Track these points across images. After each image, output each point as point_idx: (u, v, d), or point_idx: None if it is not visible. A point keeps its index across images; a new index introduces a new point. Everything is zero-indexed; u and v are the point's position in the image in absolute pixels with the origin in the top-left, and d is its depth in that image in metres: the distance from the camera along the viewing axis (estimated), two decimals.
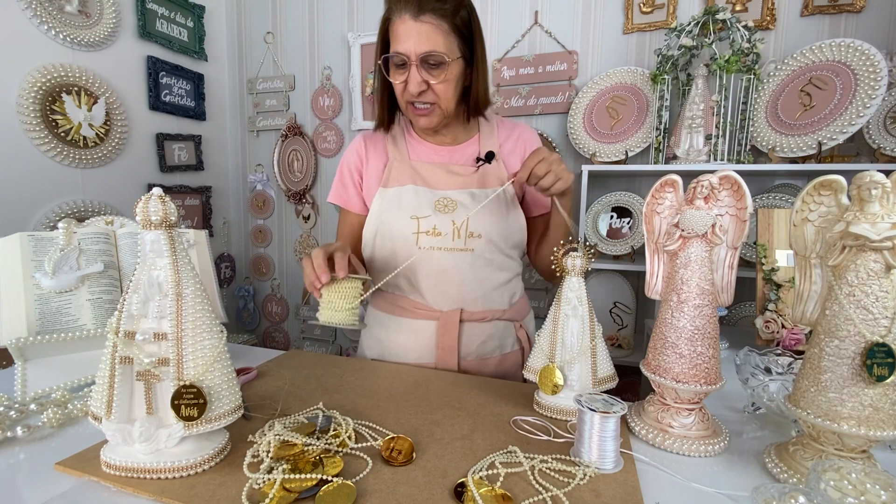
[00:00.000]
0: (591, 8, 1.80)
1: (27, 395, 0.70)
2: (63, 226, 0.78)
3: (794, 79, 1.47)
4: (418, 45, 0.78)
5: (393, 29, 0.81)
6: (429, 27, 0.78)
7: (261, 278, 2.53)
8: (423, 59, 0.79)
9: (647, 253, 0.64)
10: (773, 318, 1.04)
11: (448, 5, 0.79)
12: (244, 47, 2.39)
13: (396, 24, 0.80)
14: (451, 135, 0.96)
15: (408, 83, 0.81)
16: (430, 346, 0.91)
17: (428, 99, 0.83)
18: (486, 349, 0.92)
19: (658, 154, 1.61)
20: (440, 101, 0.84)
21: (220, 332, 0.52)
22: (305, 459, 0.50)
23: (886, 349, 0.45)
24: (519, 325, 0.96)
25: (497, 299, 0.93)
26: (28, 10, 1.59)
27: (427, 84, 0.81)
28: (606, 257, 1.68)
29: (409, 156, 0.95)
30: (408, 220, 0.88)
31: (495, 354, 0.93)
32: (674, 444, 0.57)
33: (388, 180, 0.92)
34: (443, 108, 0.85)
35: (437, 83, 0.81)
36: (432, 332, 0.90)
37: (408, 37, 0.78)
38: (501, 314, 0.93)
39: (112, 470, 0.50)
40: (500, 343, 0.93)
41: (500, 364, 0.94)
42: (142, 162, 2.01)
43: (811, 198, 0.53)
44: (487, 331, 0.92)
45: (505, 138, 0.97)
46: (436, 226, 0.88)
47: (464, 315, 0.90)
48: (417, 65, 0.79)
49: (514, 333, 0.96)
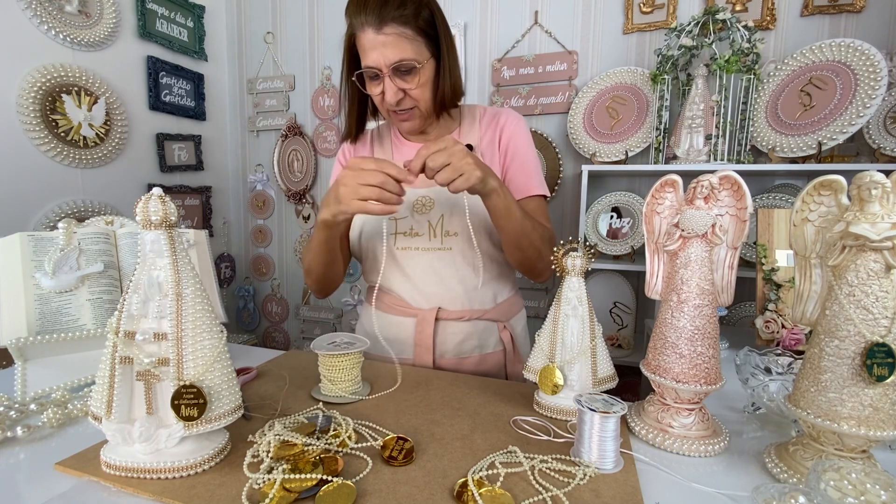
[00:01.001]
0: (591, 8, 1.81)
1: (27, 395, 0.70)
2: (63, 226, 0.78)
3: (794, 79, 1.47)
4: (386, 56, 0.77)
5: (359, 43, 0.80)
6: (393, 37, 0.77)
7: (261, 278, 2.53)
8: (395, 68, 0.78)
9: (647, 253, 0.64)
10: (773, 318, 1.04)
11: (408, 10, 0.77)
12: (244, 47, 2.39)
13: (361, 38, 0.79)
14: (434, 132, 0.95)
15: (384, 94, 0.81)
16: (409, 343, 0.91)
17: (406, 105, 0.83)
18: (465, 348, 0.91)
19: (658, 154, 1.61)
20: (419, 105, 0.84)
21: (220, 332, 0.52)
22: (305, 459, 0.50)
23: (886, 349, 0.45)
24: (503, 325, 0.95)
25: (478, 299, 0.92)
26: (28, 10, 1.59)
27: (403, 91, 0.81)
28: (606, 257, 1.68)
29: (393, 156, 0.96)
30: (385, 221, 0.88)
31: (474, 354, 0.92)
32: (674, 444, 0.57)
33: None
34: (423, 110, 0.85)
35: (413, 88, 0.81)
36: (411, 329, 0.91)
37: (374, 49, 0.77)
38: (482, 314, 0.92)
39: (112, 470, 0.50)
40: (479, 343, 0.92)
41: (479, 364, 0.93)
42: (142, 162, 2.01)
43: (811, 198, 0.53)
44: (466, 330, 0.91)
45: (486, 128, 0.95)
46: (413, 226, 0.89)
47: (441, 314, 0.90)
48: (390, 75, 0.79)
49: (497, 334, 0.94)
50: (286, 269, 2.47)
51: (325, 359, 0.70)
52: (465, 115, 0.97)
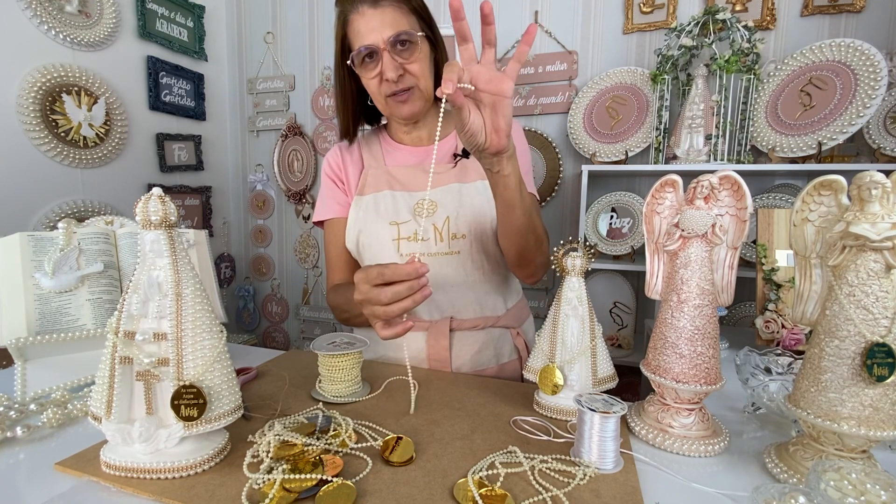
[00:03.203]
0: (591, 8, 1.81)
1: (27, 395, 0.70)
2: (63, 226, 0.78)
3: (794, 79, 1.47)
4: (384, 31, 0.77)
5: (353, 28, 0.80)
6: (391, 10, 0.77)
7: (261, 278, 2.53)
8: (393, 42, 0.78)
9: (647, 253, 0.64)
10: (773, 318, 1.04)
11: None
12: (244, 47, 2.39)
13: (356, 20, 0.79)
14: (426, 129, 0.93)
15: (383, 72, 0.79)
16: (422, 357, 0.86)
17: (407, 83, 0.81)
18: (482, 359, 0.87)
19: (658, 154, 1.61)
20: (419, 83, 0.82)
21: (220, 332, 0.52)
22: (305, 459, 0.50)
23: (886, 349, 0.45)
24: (516, 332, 0.91)
25: (490, 304, 0.89)
26: (28, 10, 1.59)
27: (403, 69, 0.80)
28: (606, 257, 1.68)
29: (384, 161, 0.93)
30: (387, 227, 0.85)
31: (492, 365, 0.88)
32: (674, 444, 0.57)
33: (364, 188, 0.90)
34: (422, 88, 0.83)
35: (412, 63, 0.80)
36: (423, 343, 0.86)
37: (371, 27, 0.77)
38: (496, 321, 0.88)
39: (112, 470, 0.49)
40: (496, 352, 0.89)
41: (497, 374, 0.89)
42: (142, 162, 2.01)
43: (811, 198, 0.52)
44: (481, 339, 0.87)
45: None
46: (416, 231, 0.85)
47: (454, 324, 0.86)
48: (388, 50, 0.78)
49: (511, 341, 0.91)
50: (286, 269, 2.47)
51: (325, 359, 0.70)
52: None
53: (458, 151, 0.90)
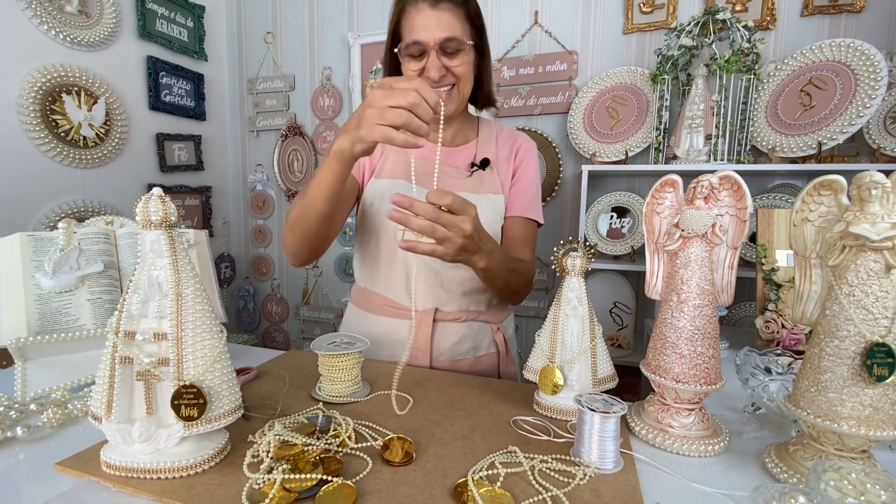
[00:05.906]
0: (591, 8, 1.81)
1: (27, 395, 0.70)
2: (63, 226, 0.78)
3: (794, 79, 1.47)
4: (437, 32, 0.79)
5: (408, 20, 0.81)
6: (448, 14, 0.79)
7: (261, 278, 2.53)
8: (443, 45, 0.79)
9: (647, 253, 0.64)
10: (773, 318, 1.04)
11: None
12: (244, 47, 2.39)
13: (412, 14, 0.80)
14: (450, 132, 0.95)
15: (427, 70, 0.81)
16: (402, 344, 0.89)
17: (448, 81, 0.83)
18: (460, 350, 0.91)
19: (658, 154, 1.61)
20: (460, 83, 0.84)
21: (220, 332, 0.52)
22: (305, 459, 0.50)
23: (886, 349, 0.45)
24: (496, 327, 0.95)
25: (475, 300, 0.92)
26: (28, 10, 1.59)
27: (446, 69, 0.82)
28: (606, 257, 1.68)
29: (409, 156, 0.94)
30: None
31: (469, 356, 0.92)
32: (674, 444, 0.57)
33: (382, 171, 0.92)
34: (461, 90, 0.85)
35: (456, 67, 0.82)
36: (404, 331, 0.90)
37: (425, 25, 0.79)
38: (478, 315, 0.92)
39: (112, 470, 0.49)
40: (474, 345, 0.92)
41: (473, 366, 0.92)
42: (142, 162, 2.01)
43: (811, 198, 0.53)
44: (462, 331, 0.91)
45: (502, 145, 0.97)
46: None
47: (438, 315, 0.89)
48: (437, 51, 0.80)
49: (491, 335, 0.94)
50: (286, 270, 2.47)
51: (325, 359, 0.70)
52: (483, 128, 0.98)
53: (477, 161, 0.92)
